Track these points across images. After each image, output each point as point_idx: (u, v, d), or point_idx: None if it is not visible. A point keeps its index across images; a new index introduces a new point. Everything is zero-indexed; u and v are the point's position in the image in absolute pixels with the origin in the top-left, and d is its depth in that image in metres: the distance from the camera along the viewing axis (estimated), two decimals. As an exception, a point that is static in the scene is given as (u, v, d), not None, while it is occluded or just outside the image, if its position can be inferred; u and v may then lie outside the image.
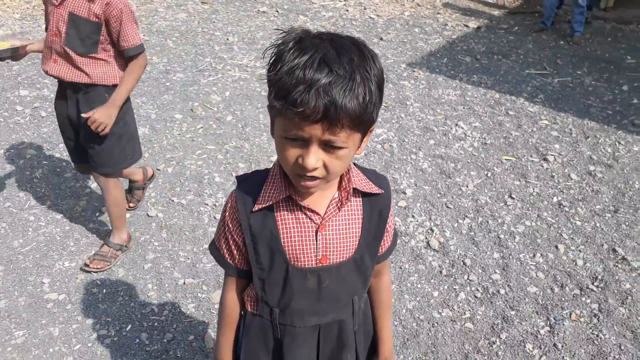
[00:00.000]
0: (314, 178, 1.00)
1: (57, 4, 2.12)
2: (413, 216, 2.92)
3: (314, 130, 0.93)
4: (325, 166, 0.98)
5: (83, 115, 2.24)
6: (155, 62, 4.66)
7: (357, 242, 1.16)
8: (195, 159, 3.36)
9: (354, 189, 1.12)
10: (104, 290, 2.40)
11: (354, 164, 1.16)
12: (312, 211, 1.11)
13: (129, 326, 2.23)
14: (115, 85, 2.28)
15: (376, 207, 1.17)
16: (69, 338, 2.16)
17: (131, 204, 2.88)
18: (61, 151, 3.37)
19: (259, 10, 5.93)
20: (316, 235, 1.12)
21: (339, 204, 1.12)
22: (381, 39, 5.28)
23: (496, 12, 6.12)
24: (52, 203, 2.93)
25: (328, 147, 0.96)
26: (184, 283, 2.44)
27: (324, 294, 1.17)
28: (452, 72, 4.64)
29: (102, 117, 2.22)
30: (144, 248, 2.64)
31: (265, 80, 0.98)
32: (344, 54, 0.92)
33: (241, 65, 4.66)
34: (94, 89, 2.27)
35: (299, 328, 1.21)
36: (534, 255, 2.66)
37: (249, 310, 1.25)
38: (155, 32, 5.30)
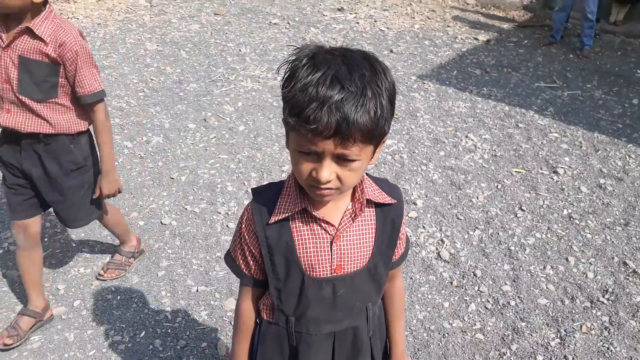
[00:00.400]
0: (329, 189, 1.03)
1: (4, 46, 1.85)
2: (424, 227, 2.94)
3: (327, 145, 0.96)
4: (339, 178, 1.01)
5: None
6: (169, 72, 4.73)
7: (370, 252, 1.19)
8: (209, 168, 3.41)
9: (367, 200, 1.15)
10: (118, 297, 2.43)
11: (367, 174, 1.19)
12: (327, 222, 1.14)
13: (143, 332, 2.26)
14: (80, 133, 2.07)
15: (389, 217, 1.20)
16: (84, 343, 2.20)
17: (103, 272, 2.47)
18: (77, 159, 3.42)
19: (270, 22, 6.00)
20: (331, 246, 1.15)
21: (352, 215, 1.15)
22: (391, 51, 5.33)
23: (505, 26, 6.16)
24: (68, 210, 2.97)
25: (341, 160, 0.99)
26: (197, 290, 2.47)
27: (339, 303, 1.20)
28: (462, 84, 4.68)
29: (110, 189, 2.15)
30: (158, 255, 2.68)
31: (277, 92, 1.02)
32: (356, 70, 0.95)
33: (253, 76, 4.72)
34: (55, 139, 2.01)
35: (315, 336, 1.23)
36: (545, 267, 2.67)
37: (265, 318, 1.28)
38: (169, 42, 5.38)
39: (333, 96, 0.93)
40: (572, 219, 3.02)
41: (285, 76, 0.99)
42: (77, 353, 2.16)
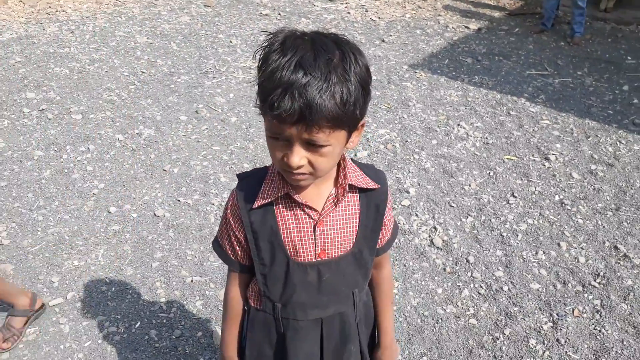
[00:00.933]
0: (302, 174, 1.03)
1: None
2: (417, 215, 2.96)
3: (292, 131, 0.95)
4: (310, 163, 1.01)
5: None
6: (159, 64, 4.70)
7: (354, 237, 1.19)
8: (201, 160, 3.40)
9: (350, 185, 1.15)
10: (113, 289, 2.43)
11: (352, 159, 1.19)
12: (310, 207, 1.14)
13: (138, 323, 2.27)
14: None
15: (373, 202, 1.20)
16: (79, 335, 2.20)
17: (4, 344, 2.11)
18: (68, 153, 3.41)
19: (261, 13, 5.97)
20: (314, 231, 1.15)
21: (335, 200, 1.15)
22: (383, 40, 5.32)
23: (496, 14, 6.16)
24: (61, 203, 2.97)
25: (310, 145, 0.98)
26: (192, 281, 2.48)
27: (324, 287, 1.21)
28: (453, 73, 4.68)
29: None
30: (152, 247, 2.68)
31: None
32: (322, 55, 0.93)
33: (244, 67, 4.70)
34: None
35: (302, 322, 1.24)
36: (537, 253, 2.69)
37: (253, 305, 1.28)
38: (159, 35, 5.34)
39: (296, 81, 0.91)
40: (563, 205, 3.04)
41: (259, 62, 0.99)
42: (72, 344, 2.16)
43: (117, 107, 3.99)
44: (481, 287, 2.49)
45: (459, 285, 2.50)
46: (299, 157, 0.98)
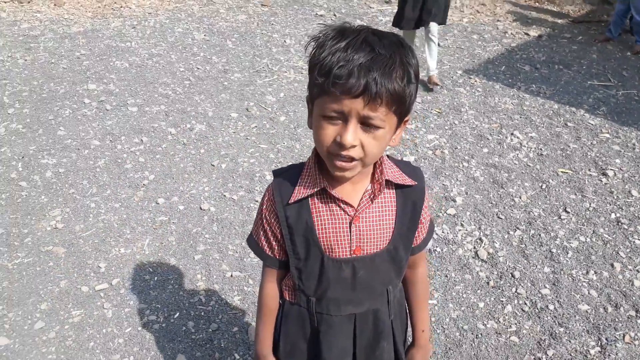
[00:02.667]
0: (351, 159, 1.01)
1: None
2: (462, 225, 2.88)
3: (354, 104, 0.95)
4: (362, 146, 1.00)
5: None
6: (214, 61, 4.80)
7: (390, 234, 1.18)
8: (248, 157, 3.45)
9: (387, 181, 1.14)
10: (156, 278, 2.50)
11: (388, 156, 1.18)
12: (346, 203, 1.13)
13: (177, 314, 2.31)
14: None
15: (410, 199, 1.18)
16: (121, 321, 2.27)
17: None
18: (123, 143, 3.53)
19: (316, 14, 6.00)
20: (350, 227, 1.14)
21: (371, 196, 1.14)
22: (438, 45, 5.21)
23: (559, 21, 5.93)
24: (112, 192, 3.07)
25: (366, 125, 0.98)
26: (231, 276, 2.51)
27: (359, 284, 1.20)
28: (510, 80, 4.54)
29: None
30: (195, 240, 2.73)
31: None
32: (385, 38, 0.97)
33: (296, 67, 4.73)
34: None
35: (335, 317, 1.23)
36: (587, 272, 2.57)
37: (287, 299, 1.29)
38: (216, 32, 5.46)
39: (362, 57, 0.93)
40: (620, 224, 2.89)
41: (313, 49, 1.00)
42: (114, 329, 2.23)
43: (171, 102, 4.10)
44: (525, 304, 2.40)
45: (502, 301, 2.42)
46: (354, 135, 0.98)
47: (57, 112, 3.87)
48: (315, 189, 1.12)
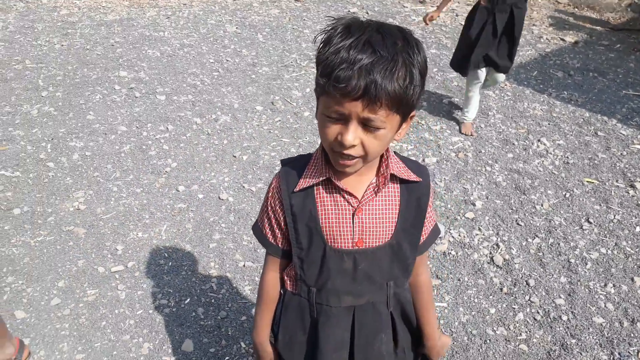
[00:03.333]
0: (352, 157, 1.03)
1: None
2: (480, 229, 2.84)
3: (354, 107, 0.96)
4: (363, 145, 1.02)
5: None
6: (244, 54, 4.85)
7: (393, 228, 1.18)
8: (270, 150, 3.47)
9: (392, 176, 1.15)
10: (170, 263, 2.54)
11: (395, 153, 1.19)
12: (350, 194, 1.15)
13: (188, 299, 2.35)
14: None
15: (414, 195, 1.19)
16: (133, 303, 2.32)
17: None
18: (149, 130, 3.60)
19: (349, 11, 5.98)
20: (353, 218, 1.15)
21: (375, 189, 1.16)
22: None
23: (598, 28, 5.77)
24: (135, 177, 3.14)
25: (367, 126, 1.00)
26: (244, 265, 2.54)
27: (359, 276, 1.21)
28: (541, 86, 4.44)
29: None
30: (212, 228, 2.77)
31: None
32: (389, 38, 0.96)
33: (325, 63, 4.73)
34: None
35: (334, 308, 1.25)
36: (606, 285, 2.50)
37: (288, 289, 1.30)
38: (248, 25, 5.50)
39: (364, 59, 0.93)
40: (644, 238, 2.80)
41: (321, 43, 1.00)
42: (126, 310, 2.28)
43: (199, 92, 4.15)
44: (538, 312, 2.35)
45: (514, 308, 2.38)
46: (354, 135, 1.00)
47: (88, 97, 3.97)
48: (321, 179, 1.14)
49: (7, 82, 4.12)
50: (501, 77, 3.65)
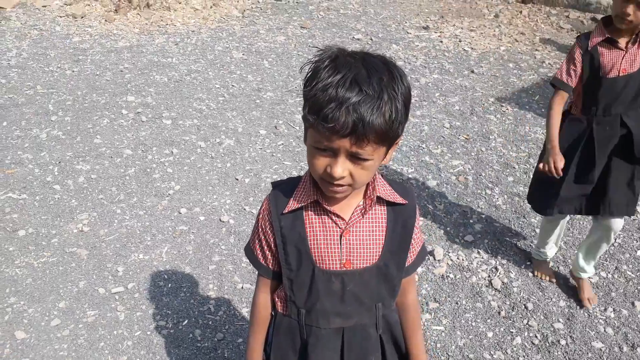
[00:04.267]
0: (341, 185, 1.07)
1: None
2: (478, 252, 2.84)
3: (342, 143, 1.00)
4: (351, 175, 1.06)
5: None
6: (249, 80, 4.94)
7: (380, 249, 1.21)
8: (272, 173, 3.52)
9: (379, 198, 1.19)
10: (169, 285, 2.57)
11: (382, 175, 1.23)
12: (338, 216, 1.18)
13: (186, 321, 2.37)
14: None
15: (400, 217, 1.22)
16: (132, 324, 2.34)
17: None
18: (153, 154, 3.67)
19: (353, 38, 6.09)
20: (340, 239, 1.18)
21: (362, 211, 1.19)
22: (472, 71, 5.21)
23: (601, 52, 5.81)
24: (138, 200, 3.19)
25: (355, 158, 1.03)
26: (242, 287, 2.56)
27: (348, 297, 1.23)
28: (542, 110, 4.47)
29: None
30: (212, 250, 2.80)
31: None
32: (374, 74, 0.99)
33: (329, 88, 4.80)
34: None
35: (324, 330, 1.26)
36: (605, 309, 2.48)
37: (279, 311, 1.32)
38: (254, 52, 5.62)
39: (351, 98, 0.97)
40: (645, 262, 2.79)
41: (308, 76, 1.04)
42: (124, 331, 2.31)
43: (204, 116, 4.23)
44: (536, 336, 2.34)
45: (511, 332, 2.37)
46: (342, 168, 1.04)
47: (96, 122, 4.06)
48: (309, 201, 1.18)
49: (19, 107, 4.23)
50: (617, 224, 2.32)
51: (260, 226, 1.26)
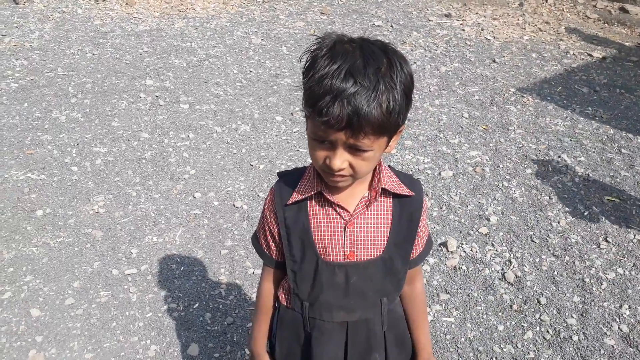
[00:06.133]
0: (342, 175, 1.05)
1: None
2: (493, 245, 2.81)
3: (339, 135, 0.98)
4: (351, 166, 1.04)
5: None
6: (267, 65, 4.92)
7: (385, 242, 1.19)
8: (286, 160, 3.51)
9: (385, 190, 1.16)
10: (182, 268, 2.60)
11: (390, 166, 1.21)
12: (342, 207, 1.16)
13: (197, 304, 2.40)
14: None
15: (407, 209, 1.20)
16: (144, 305, 2.37)
17: None
18: (170, 138, 3.69)
19: (374, 24, 6.02)
20: (344, 231, 1.16)
21: (367, 203, 1.17)
22: (494, 61, 5.11)
23: (628, 43, 5.66)
24: (154, 183, 3.22)
25: (353, 149, 1.01)
26: (253, 273, 2.57)
27: (352, 290, 1.21)
28: (565, 101, 4.38)
29: None
30: (224, 235, 2.82)
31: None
32: (371, 64, 0.96)
33: (347, 75, 4.76)
34: None
35: (327, 323, 1.25)
36: (621, 306, 2.44)
37: (283, 303, 1.31)
38: (273, 37, 5.59)
39: (346, 90, 0.94)
40: (665, 259, 2.72)
41: (306, 65, 1.02)
42: (136, 312, 2.34)
43: (221, 102, 4.24)
44: (548, 331, 2.31)
45: (523, 326, 2.34)
46: (341, 160, 1.02)
47: (115, 105, 4.09)
48: (312, 192, 1.16)
49: (39, 88, 4.28)
50: None
51: (265, 216, 1.26)
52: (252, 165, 3.44)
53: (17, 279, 2.49)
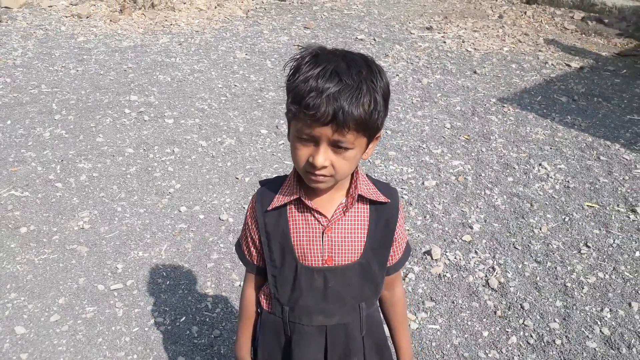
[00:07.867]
0: (323, 175, 1.09)
1: None
2: (476, 252, 2.85)
3: (324, 130, 1.03)
4: (333, 165, 1.08)
5: None
6: (252, 80, 4.96)
7: (362, 247, 1.23)
8: (272, 172, 3.54)
9: (362, 197, 1.21)
10: (168, 282, 2.60)
11: (367, 175, 1.25)
12: (320, 213, 1.20)
13: (184, 318, 2.40)
14: None
15: (383, 216, 1.24)
16: (130, 320, 2.37)
17: None
18: (155, 153, 3.70)
19: (356, 38, 6.10)
20: (322, 236, 1.20)
21: (344, 209, 1.21)
22: (475, 72, 5.21)
23: (604, 53, 5.80)
24: (139, 198, 3.22)
25: (336, 147, 1.06)
26: (239, 285, 2.58)
27: (330, 294, 1.25)
28: (544, 110, 4.47)
29: None
30: (210, 248, 2.82)
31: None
32: (354, 67, 1.03)
33: (330, 88, 4.82)
34: None
35: (307, 327, 1.28)
36: (602, 310, 2.48)
37: (265, 308, 1.34)
38: (257, 52, 5.64)
39: (331, 87, 1.00)
40: (643, 263, 2.78)
41: (290, 71, 1.08)
42: (122, 327, 2.33)
43: (206, 116, 4.26)
44: (531, 336, 2.35)
45: (507, 331, 2.37)
46: (324, 157, 1.06)
47: (99, 120, 4.09)
48: (292, 198, 1.20)
49: (23, 105, 4.27)
50: None
51: (247, 223, 1.30)
52: (237, 179, 3.46)
53: (1, 296, 2.47)
